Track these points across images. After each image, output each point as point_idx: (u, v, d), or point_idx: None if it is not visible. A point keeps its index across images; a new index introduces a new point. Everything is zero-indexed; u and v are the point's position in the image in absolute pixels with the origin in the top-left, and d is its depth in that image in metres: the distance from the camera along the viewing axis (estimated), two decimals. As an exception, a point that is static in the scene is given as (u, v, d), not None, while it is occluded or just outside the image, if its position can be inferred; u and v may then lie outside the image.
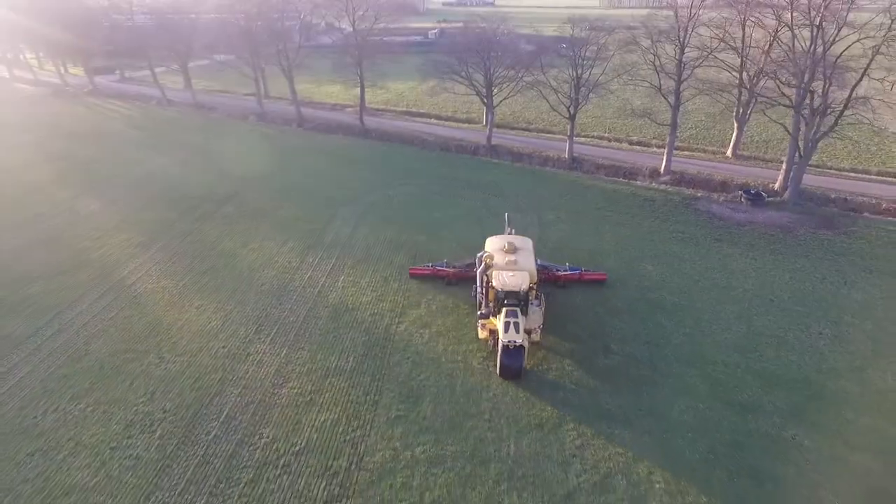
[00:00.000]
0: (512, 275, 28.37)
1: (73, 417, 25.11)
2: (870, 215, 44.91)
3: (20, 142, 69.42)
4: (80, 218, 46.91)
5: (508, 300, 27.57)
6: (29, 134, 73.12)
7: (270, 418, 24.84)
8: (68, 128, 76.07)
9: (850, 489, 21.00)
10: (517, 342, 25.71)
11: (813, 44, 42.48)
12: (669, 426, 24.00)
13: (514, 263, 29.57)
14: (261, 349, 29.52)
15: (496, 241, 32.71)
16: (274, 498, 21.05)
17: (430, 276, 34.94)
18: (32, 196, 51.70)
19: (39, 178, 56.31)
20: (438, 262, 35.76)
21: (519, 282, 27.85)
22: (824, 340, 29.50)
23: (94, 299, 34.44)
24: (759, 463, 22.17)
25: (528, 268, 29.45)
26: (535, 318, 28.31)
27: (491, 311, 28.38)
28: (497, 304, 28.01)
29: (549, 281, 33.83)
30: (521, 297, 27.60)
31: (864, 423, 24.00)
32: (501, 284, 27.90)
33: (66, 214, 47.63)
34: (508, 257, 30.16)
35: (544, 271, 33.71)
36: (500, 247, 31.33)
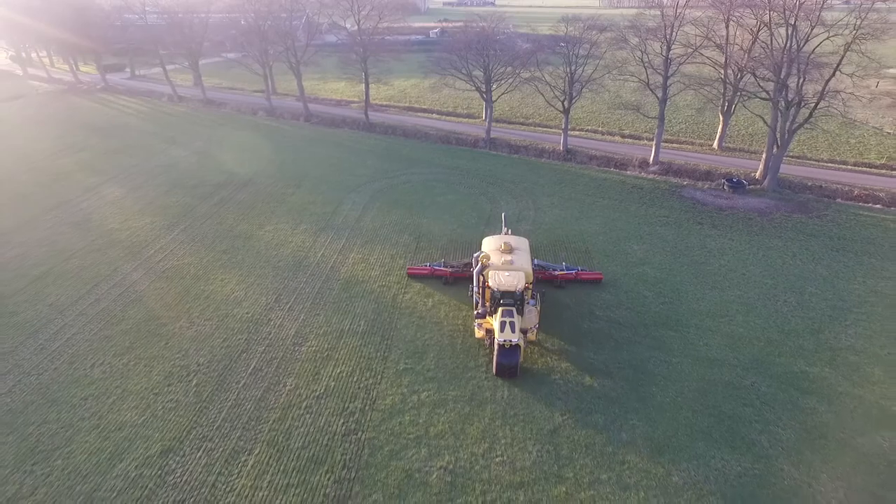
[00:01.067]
0: (508, 274, 28.67)
1: (117, 370, 28.43)
2: (842, 201, 48.14)
3: (42, 134, 72.84)
4: (107, 203, 50.25)
5: (504, 300, 27.94)
6: (49, 127, 76.57)
7: (292, 370, 28.14)
8: (85, 122, 79.47)
9: (798, 425, 24.25)
10: (513, 341, 26.06)
11: (788, 41, 45.70)
12: (644, 376, 27.29)
13: (510, 263, 29.84)
14: (281, 315, 32.83)
15: (493, 240, 32.94)
16: (298, 432, 24.34)
17: (428, 276, 35.65)
18: (60, 183, 55.11)
19: (64, 168, 59.72)
20: (436, 262, 36.34)
21: (515, 281, 28.17)
22: (788, 307, 32.77)
23: (127, 273, 37.78)
24: (720, 404, 25.46)
25: (524, 267, 29.79)
26: (531, 317, 28.73)
27: (487, 310, 28.77)
28: (493, 304, 28.43)
29: (545, 280, 34.43)
30: (517, 297, 27.95)
31: (815, 373, 27.27)
32: (497, 284, 28.21)
33: (93, 200, 50.98)
34: (505, 257, 30.45)
35: (541, 271, 34.29)
36: (496, 247, 31.64)
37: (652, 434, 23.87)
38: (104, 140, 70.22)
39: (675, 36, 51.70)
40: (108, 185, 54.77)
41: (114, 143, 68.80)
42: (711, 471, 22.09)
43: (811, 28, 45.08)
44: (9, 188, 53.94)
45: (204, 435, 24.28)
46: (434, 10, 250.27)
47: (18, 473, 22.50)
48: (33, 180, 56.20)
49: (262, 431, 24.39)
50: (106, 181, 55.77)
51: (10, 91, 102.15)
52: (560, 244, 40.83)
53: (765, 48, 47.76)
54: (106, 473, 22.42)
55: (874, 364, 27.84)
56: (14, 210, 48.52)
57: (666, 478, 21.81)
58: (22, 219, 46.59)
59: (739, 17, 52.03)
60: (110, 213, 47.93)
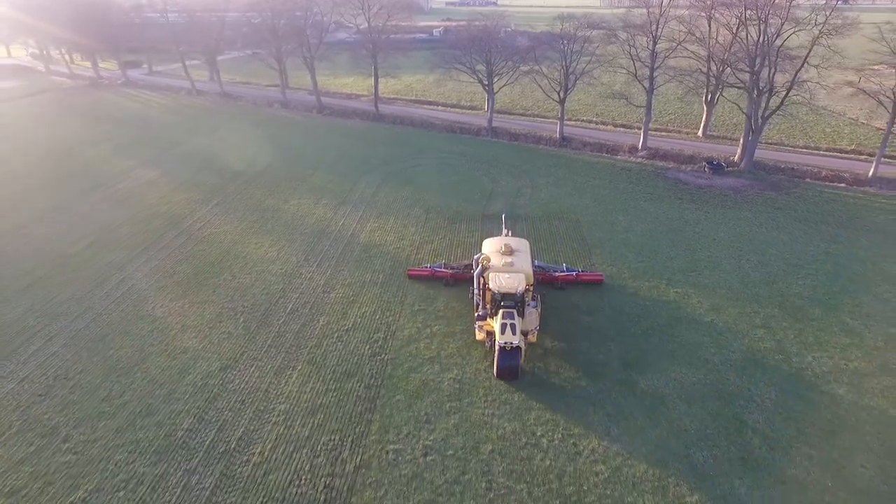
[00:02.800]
0: (508, 277, 28.73)
1: (175, 311, 33.57)
2: (811, 180, 53.14)
3: (71, 125, 78.11)
4: (143, 183, 55.44)
5: (505, 302, 27.97)
6: (77, 119, 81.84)
7: (324, 311, 33.25)
8: (110, 114, 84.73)
9: (745, 349, 29.22)
10: (514, 343, 26.13)
11: (761, 36, 50.71)
12: (620, 313, 32.33)
13: (510, 265, 29.87)
14: (310, 270, 37.94)
15: (493, 242, 32.91)
16: (332, 354, 29.42)
17: (428, 278, 35.66)
18: (96, 167, 60.30)
19: (98, 154, 64.93)
20: (437, 264, 36.37)
21: (515, 284, 28.21)
22: (750, 264, 37.81)
23: (172, 238, 42.96)
24: (682, 335, 30.44)
25: (525, 270, 29.77)
26: (532, 319, 28.67)
27: (488, 312, 28.81)
28: (494, 306, 28.46)
29: (545, 282, 34.49)
30: (517, 299, 27.99)
31: (765, 312, 32.31)
32: (498, 286, 28.26)
33: (130, 181, 56.17)
34: (505, 259, 30.41)
35: (541, 272, 34.23)
36: (496, 249, 31.61)
37: (624, 355, 28.92)
38: (131, 130, 75.43)
39: (661, 31, 56.74)
40: (141, 168, 59.94)
41: (140, 133, 74.02)
42: (671, 380, 27.13)
43: (781, 24, 50.05)
44: (49, 172, 59.12)
45: (254, 356, 29.39)
46: (437, 10, 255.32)
47: (107, 382, 27.62)
48: (70, 165, 61.38)
49: (303, 354, 29.50)
50: (138, 165, 60.95)
51: (35, 86, 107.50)
52: (554, 216, 45.86)
53: (741, 43, 52.72)
54: (178, 382, 27.54)
55: (815, 306, 32.89)
56: (57, 191, 53.61)
57: (633, 385, 26.86)
58: (65, 198, 51.67)
59: (720, 16, 56.95)
60: (147, 191, 53.10)
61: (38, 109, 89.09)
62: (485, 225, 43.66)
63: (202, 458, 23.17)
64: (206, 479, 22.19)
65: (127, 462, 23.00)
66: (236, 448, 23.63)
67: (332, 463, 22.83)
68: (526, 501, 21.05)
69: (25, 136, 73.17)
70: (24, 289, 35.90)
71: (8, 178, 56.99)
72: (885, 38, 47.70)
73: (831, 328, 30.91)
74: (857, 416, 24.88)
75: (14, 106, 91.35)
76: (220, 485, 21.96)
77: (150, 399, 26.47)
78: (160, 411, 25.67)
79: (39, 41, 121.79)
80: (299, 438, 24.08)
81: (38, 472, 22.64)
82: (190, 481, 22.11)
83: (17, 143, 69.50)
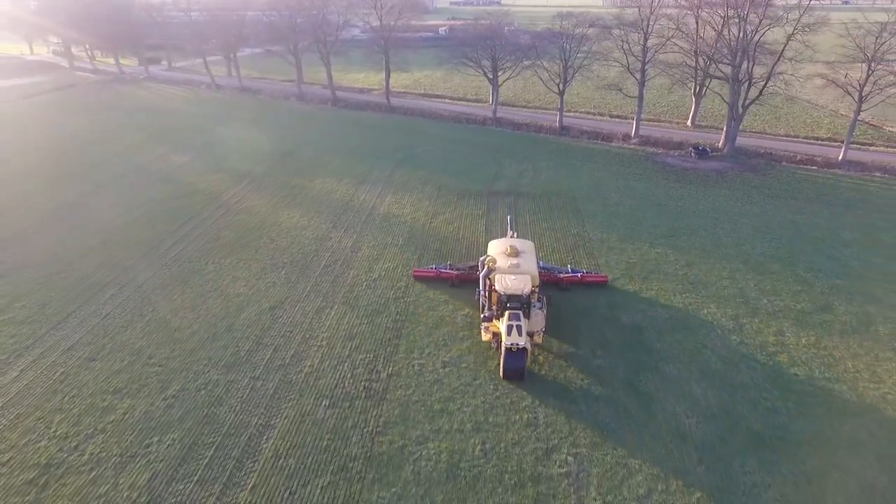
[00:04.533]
0: (514, 278, 28.92)
1: (225, 266, 39.05)
2: (787, 164, 58.49)
3: (102, 116, 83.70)
4: (177, 166, 61.01)
5: (511, 303, 28.07)
6: (106, 110, 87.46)
7: (353, 266, 38.68)
8: (137, 106, 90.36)
9: (710, 295, 34.53)
10: (520, 345, 26.31)
11: (740, 31, 56.04)
12: (605, 267, 37.71)
13: (516, 267, 30.02)
14: (338, 235, 43.43)
15: (499, 244, 33.13)
16: (363, 298, 34.83)
17: (434, 279, 36.08)
18: (131, 153, 65.76)
19: (132, 141, 70.50)
20: (442, 265, 36.71)
21: (521, 285, 28.42)
22: (723, 231, 43.20)
23: (213, 210, 48.49)
24: (658, 284, 35.79)
25: (531, 271, 29.94)
26: (538, 320, 28.91)
27: (494, 313, 28.87)
28: (500, 307, 28.55)
29: (550, 283, 34.62)
30: (523, 300, 28.16)
31: (732, 266, 37.71)
32: (504, 288, 28.43)
33: (164, 164, 61.74)
34: (511, 261, 30.52)
35: (546, 273, 34.24)
36: (502, 250, 31.71)
37: (610, 300, 34.30)
38: (158, 120, 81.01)
39: (652, 28, 62.11)
40: (174, 153, 65.52)
41: (168, 122, 79.63)
42: (647, 317, 32.47)
43: (759, 21, 55.37)
44: (89, 156, 64.54)
45: (297, 299, 34.88)
46: (441, 9, 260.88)
47: (176, 318, 33.11)
48: (111, 149, 66.96)
49: (338, 297, 34.98)
50: (171, 150, 66.53)
51: (62, 81, 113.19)
52: (553, 193, 51.23)
53: (723, 39, 58.04)
54: (235, 317, 33.03)
55: (775, 262, 38.30)
56: (104, 170, 59.22)
57: (616, 320, 32.24)
58: (112, 176, 57.26)
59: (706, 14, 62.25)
60: (183, 172, 58.67)
61: (71, 102, 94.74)
62: (490, 200, 49.12)
63: (263, 369, 28.67)
64: (268, 384, 27.67)
65: (203, 371, 28.51)
66: (290, 363, 29.12)
67: (368, 372, 28.30)
68: (526, 398, 26.45)
69: (67, 124, 78.74)
70: (91, 249, 41.47)
71: (63, 159, 62.73)
72: (851, 34, 52.88)
73: (787, 279, 36.30)
74: (797, 342, 30.26)
75: (48, 98, 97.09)
76: (280, 387, 27.43)
77: (213, 329, 31.97)
78: (224, 338, 31.18)
79: (64, 39, 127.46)
80: (340, 356, 29.57)
81: (133, 378, 28.15)
82: (255, 385, 27.58)
83: (60, 131, 75.19)
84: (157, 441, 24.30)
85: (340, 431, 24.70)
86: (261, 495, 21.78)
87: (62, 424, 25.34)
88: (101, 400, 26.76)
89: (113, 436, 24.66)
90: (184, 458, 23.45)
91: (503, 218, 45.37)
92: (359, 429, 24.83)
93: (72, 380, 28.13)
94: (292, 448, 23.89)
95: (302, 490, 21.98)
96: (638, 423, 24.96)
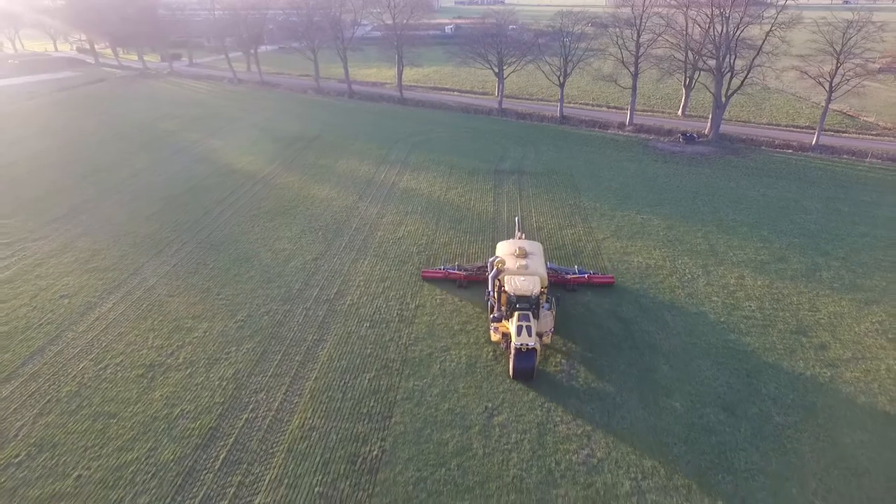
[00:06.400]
0: (523, 279, 29.28)
1: (269, 228, 45.39)
2: (766, 148, 64.50)
3: (136, 107, 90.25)
4: (214, 149, 67.42)
5: (520, 304, 28.47)
6: (140, 102, 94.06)
7: (380, 228, 44.96)
8: (166, 98, 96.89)
9: (685, 249, 40.64)
10: (529, 345, 26.64)
11: (724, 27, 62.06)
12: (597, 229, 43.86)
13: (525, 268, 30.39)
14: (364, 205, 49.70)
15: (507, 245, 33.55)
16: (391, 252, 41.06)
17: (442, 279, 36.72)
18: (168, 139, 72.18)
19: (168, 128, 76.97)
20: (450, 266, 37.30)
21: (530, 286, 28.77)
22: (702, 202, 49.30)
23: (252, 185, 54.86)
24: (641, 241, 41.91)
25: (539, 272, 30.33)
26: (547, 321, 29.23)
27: (503, 314, 29.31)
28: (509, 308, 28.94)
29: (558, 284, 35.10)
30: (532, 301, 28.55)
31: (706, 229, 43.81)
32: (513, 289, 28.80)
33: (201, 148, 68.13)
34: (520, 262, 30.90)
35: (554, 274, 34.68)
36: (511, 251, 32.13)
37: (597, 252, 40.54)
38: (188, 111, 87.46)
39: (644, 25, 68.20)
40: (209, 139, 71.91)
41: (198, 112, 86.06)
42: (632, 266, 38.66)
43: (741, 19, 61.39)
44: (137, 140, 71.15)
45: (335, 253, 41.18)
46: (446, 9, 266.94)
47: (234, 267, 39.42)
48: (151, 135, 73.48)
49: (369, 251, 41.27)
50: (205, 137, 72.93)
51: (91, 76, 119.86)
52: (553, 172, 57.37)
53: (709, 35, 64.09)
54: (284, 266, 39.35)
55: (744, 226, 44.41)
56: (149, 152, 65.70)
57: (605, 268, 38.47)
58: (157, 158, 63.72)
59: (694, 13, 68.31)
60: (219, 155, 65.08)
61: (103, 94, 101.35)
62: (496, 177, 55.35)
63: (313, 302, 34.98)
64: (318, 312, 33.97)
65: (264, 304, 34.83)
66: (334, 298, 35.41)
67: (399, 304, 34.59)
68: (528, 322, 32.63)
69: (106, 114, 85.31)
70: (151, 215, 47.88)
71: (108, 144, 69.19)
72: (821, 30, 58.89)
73: (752, 238, 42.45)
74: (753, 283, 36.41)
75: (83, 92, 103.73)
76: (328, 315, 33.71)
77: (268, 274, 38.31)
78: (277, 280, 37.51)
79: (90, 36, 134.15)
80: (376, 293, 35.87)
81: (207, 308, 34.50)
82: (308, 313, 33.86)
83: (101, 119, 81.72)
84: (235, 349, 30.65)
85: (380, 343, 31.01)
86: (322, 384, 28.08)
87: (156, 339, 31.71)
88: (184, 323, 33.13)
89: (199, 346, 31.02)
90: (258, 360, 29.79)
91: (509, 190, 51.80)
92: (395, 342, 31.12)
93: (157, 310, 34.51)
94: (343, 354, 30.21)
95: (353, 380, 28.28)
96: (619, 339, 31.15)
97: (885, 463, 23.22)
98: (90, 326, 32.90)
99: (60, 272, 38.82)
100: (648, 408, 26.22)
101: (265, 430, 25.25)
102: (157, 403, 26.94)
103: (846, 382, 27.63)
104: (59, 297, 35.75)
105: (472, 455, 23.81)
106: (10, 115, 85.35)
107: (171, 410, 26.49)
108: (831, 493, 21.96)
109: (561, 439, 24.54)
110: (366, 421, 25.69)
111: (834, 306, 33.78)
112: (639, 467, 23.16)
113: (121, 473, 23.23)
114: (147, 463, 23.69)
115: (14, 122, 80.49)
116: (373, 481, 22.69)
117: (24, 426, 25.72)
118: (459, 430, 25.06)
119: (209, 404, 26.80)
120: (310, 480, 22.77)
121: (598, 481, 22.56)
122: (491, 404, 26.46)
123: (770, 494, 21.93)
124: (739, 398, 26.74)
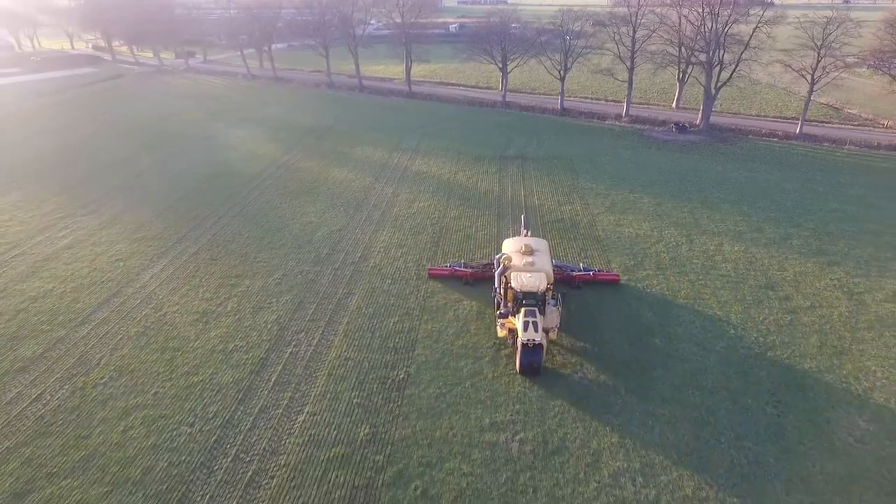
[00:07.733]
0: (530, 276, 29.57)
1: (297, 205, 50.05)
2: (753, 137, 68.98)
3: (157, 101, 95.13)
4: (237, 139, 72.14)
5: (527, 300, 28.78)
6: (161, 96, 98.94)
7: (396, 205, 49.58)
8: (185, 93, 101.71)
9: (671, 222, 45.17)
10: (536, 340, 27.02)
11: (714, 24, 66.57)
12: (592, 205, 48.42)
13: (531, 265, 30.65)
14: (380, 186, 54.34)
15: (513, 243, 33.87)
16: (407, 224, 45.69)
17: (449, 277, 37.04)
18: (194, 129, 76.95)
19: (192, 120, 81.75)
20: (456, 263, 37.73)
21: (537, 283, 29.07)
22: (689, 183, 53.84)
23: (275, 169, 59.59)
24: (632, 216, 46.42)
25: (545, 269, 30.61)
26: (553, 317, 29.60)
27: (510, 310, 29.67)
28: (516, 304, 29.32)
29: (563, 281, 35.19)
30: (538, 297, 28.85)
31: (691, 206, 48.33)
32: (520, 285, 29.08)
33: (225, 137, 72.89)
34: (526, 259, 31.17)
35: (559, 271, 34.77)
36: (517, 248, 32.45)
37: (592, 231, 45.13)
38: (208, 104, 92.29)
39: (640, 22, 72.75)
40: (231, 129, 76.66)
41: (217, 106, 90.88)
42: (623, 237, 43.25)
43: (729, 15, 65.90)
44: (165, 130, 75.96)
45: (356, 225, 45.82)
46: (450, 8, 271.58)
47: (268, 236, 44.10)
48: (177, 126, 78.27)
49: (387, 224, 45.91)
50: (228, 127, 77.69)
51: (110, 72, 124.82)
52: (553, 157, 61.95)
53: (699, 31, 68.60)
54: (312, 235, 44.02)
55: (726, 203, 48.94)
56: (178, 140, 70.54)
57: (597, 238, 43.05)
58: (186, 146, 68.52)
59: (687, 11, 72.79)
60: (242, 143, 69.83)
61: (124, 89, 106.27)
62: (501, 163, 59.95)
63: (339, 264, 39.62)
64: (345, 272, 38.59)
65: (297, 265, 39.49)
66: (359, 261, 40.03)
67: (416, 266, 39.19)
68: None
69: (128, 107, 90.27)
70: (185, 195, 52.58)
71: (135, 135, 74.04)
72: (804, 27, 63.38)
73: (733, 213, 46.98)
74: (731, 249, 40.91)
75: (103, 87, 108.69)
76: (354, 274, 38.34)
77: (298, 242, 42.99)
78: (307, 247, 42.17)
79: (107, 34, 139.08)
80: (395, 257, 40.51)
81: (247, 269, 39.15)
82: (336, 273, 38.49)
83: (124, 112, 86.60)
84: (275, 301, 35.31)
85: (402, 296, 35.64)
86: (353, 326, 32.71)
87: (206, 293, 36.39)
88: (228, 281, 37.82)
89: (244, 299, 35.69)
90: (296, 308, 34.44)
91: (513, 173, 56.40)
92: (414, 294, 35.74)
93: (202, 271, 39.21)
94: (369, 304, 34.84)
95: (380, 323, 32.91)
96: (612, 295, 35.72)
97: (827, 383, 27.76)
98: (146, 283, 37.59)
99: (112, 240, 43.57)
100: (633, 344, 30.79)
101: (308, 360, 29.90)
102: (214, 340, 31.60)
103: (803, 325, 32.18)
104: (115, 261, 40.48)
105: (483, 377, 28.42)
106: (39, 109, 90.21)
107: (226, 345, 31.15)
108: (780, 403, 26.52)
109: (559, 365, 29.13)
110: (392, 353, 30.32)
111: (800, 267, 38.32)
112: (623, 385, 27.74)
113: (190, 391, 27.88)
114: (211, 383, 28.35)
115: (43, 116, 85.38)
116: (401, 395, 27.31)
117: (103, 357, 30.41)
118: (472, 360, 29.66)
119: (258, 341, 31.45)
120: (349, 395, 27.41)
121: (588, 397, 27.15)
122: (498, 341, 31.06)
123: (731, 404, 26.50)
124: (710, 336, 31.30)
